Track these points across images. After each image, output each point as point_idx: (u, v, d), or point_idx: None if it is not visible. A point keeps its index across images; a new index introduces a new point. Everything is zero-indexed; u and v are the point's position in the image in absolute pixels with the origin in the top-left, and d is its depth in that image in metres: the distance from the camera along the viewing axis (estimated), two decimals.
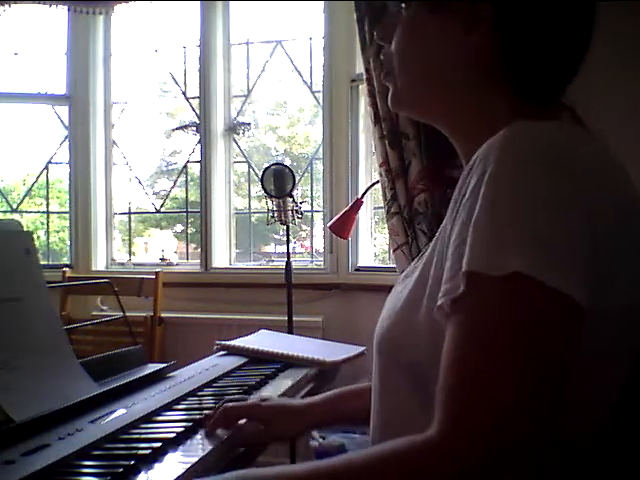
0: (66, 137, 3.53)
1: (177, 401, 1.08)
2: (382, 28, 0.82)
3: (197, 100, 3.36)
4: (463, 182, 0.65)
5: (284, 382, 1.27)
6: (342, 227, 2.55)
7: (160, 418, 0.99)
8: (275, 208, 2.64)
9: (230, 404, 0.97)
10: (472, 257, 0.57)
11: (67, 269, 3.24)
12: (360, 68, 2.65)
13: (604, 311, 0.60)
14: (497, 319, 0.56)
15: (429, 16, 0.74)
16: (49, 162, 3.63)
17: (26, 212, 3.89)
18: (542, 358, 0.54)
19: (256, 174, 3.36)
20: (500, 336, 0.55)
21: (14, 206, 3.74)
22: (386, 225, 2.56)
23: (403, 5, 0.77)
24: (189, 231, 3.67)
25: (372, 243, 3.10)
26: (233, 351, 1.50)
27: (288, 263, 2.61)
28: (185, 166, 3.56)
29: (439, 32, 0.74)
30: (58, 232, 3.87)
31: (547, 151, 0.60)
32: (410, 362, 0.70)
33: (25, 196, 3.82)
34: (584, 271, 0.57)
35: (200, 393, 1.16)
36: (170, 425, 0.94)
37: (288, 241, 2.65)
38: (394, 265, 2.54)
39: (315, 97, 3.34)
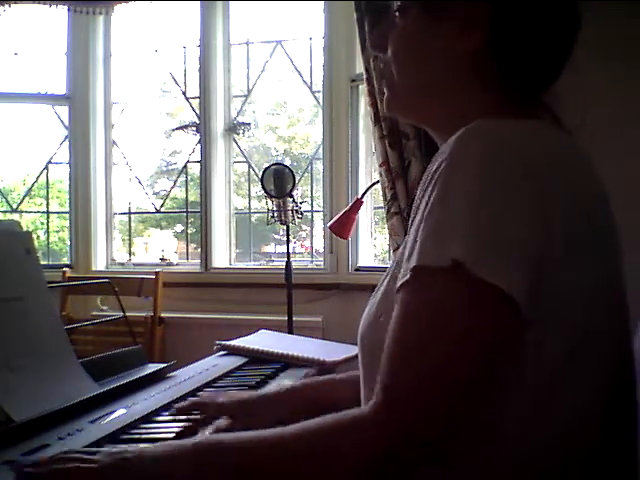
0: (66, 137, 3.53)
1: (177, 401, 1.08)
2: (375, 37, 0.82)
3: (197, 100, 3.37)
4: (424, 180, 0.67)
5: (284, 382, 1.27)
6: (342, 227, 2.55)
7: (160, 418, 0.99)
8: (275, 208, 2.64)
9: (198, 399, 1.01)
10: (418, 251, 0.61)
11: (67, 269, 3.24)
12: (360, 68, 2.65)
13: (561, 309, 0.62)
14: (427, 310, 0.60)
15: (425, 19, 0.74)
16: (49, 162, 3.63)
17: (26, 212, 3.89)
18: (468, 345, 0.58)
19: (256, 174, 3.36)
20: (432, 321, 0.59)
21: (14, 206, 3.74)
22: (386, 225, 2.56)
23: (397, 12, 0.77)
24: (189, 231, 3.67)
25: (372, 243, 3.10)
26: (233, 351, 1.50)
27: (288, 263, 2.61)
28: (185, 166, 3.56)
29: (436, 34, 0.74)
30: (58, 232, 3.87)
31: (500, 147, 0.61)
32: None
33: (25, 196, 3.83)
34: (526, 266, 0.58)
35: (200, 393, 1.16)
36: (170, 425, 0.94)
37: (288, 241, 2.65)
38: None
39: (315, 97, 3.34)
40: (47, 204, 3.71)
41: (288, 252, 2.63)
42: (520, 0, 0.71)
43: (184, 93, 3.52)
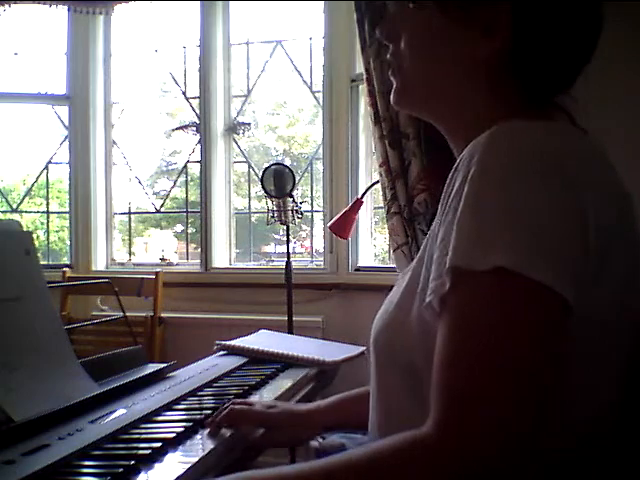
0: (66, 137, 3.53)
1: (177, 401, 1.08)
2: (387, 27, 0.81)
3: (197, 100, 3.36)
4: (449, 182, 0.66)
5: (284, 382, 1.27)
6: (342, 227, 2.55)
7: (160, 418, 0.99)
8: (275, 208, 2.64)
9: (237, 407, 0.98)
10: (456, 253, 0.58)
11: (67, 269, 3.24)
12: (360, 68, 2.65)
13: (593, 308, 0.61)
14: (484, 317, 0.56)
15: (446, 18, 0.74)
16: (49, 162, 3.63)
17: (26, 212, 3.89)
18: (530, 354, 0.55)
19: (256, 174, 3.36)
20: (488, 334, 0.55)
21: (14, 206, 3.74)
22: (386, 225, 2.56)
23: (411, 5, 0.76)
24: (189, 231, 3.67)
25: (372, 243, 3.10)
26: (233, 351, 1.50)
27: (288, 263, 2.61)
28: (185, 166, 3.56)
29: (454, 38, 0.73)
30: (58, 232, 3.87)
31: (532, 149, 0.61)
32: (404, 361, 0.71)
33: (25, 196, 3.82)
34: (570, 265, 0.57)
35: (200, 393, 1.16)
36: (170, 425, 0.94)
37: (288, 241, 2.65)
38: (394, 265, 2.54)
39: (315, 97, 3.34)
40: (47, 204, 3.71)
41: (288, 252, 2.62)
42: (541, 6, 0.70)
43: (184, 93, 3.52)
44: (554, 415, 0.61)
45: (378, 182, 2.61)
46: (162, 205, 3.66)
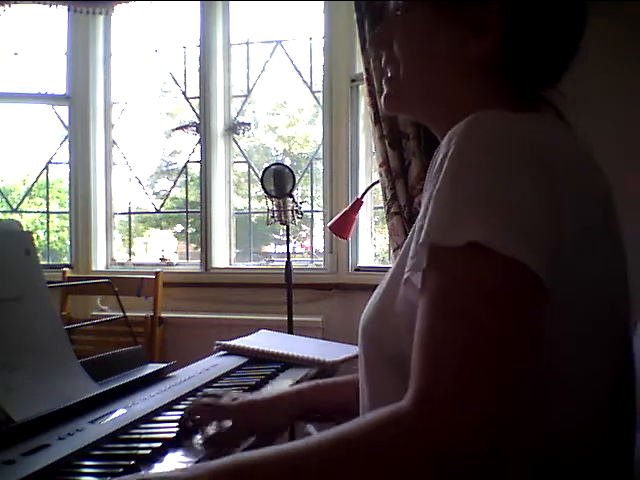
0: (66, 137, 3.53)
1: (177, 401, 1.08)
2: (379, 35, 0.81)
3: (197, 100, 3.37)
4: (430, 166, 0.67)
5: (284, 382, 1.27)
6: (342, 227, 2.55)
7: (160, 418, 0.99)
8: (275, 208, 2.64)
9: (201, 401, 0.97)
10: (430, 229, 0.59)
11: (67, 269, 3.24)
12: (360, 68, 2.65)
13: (584, 308, 0.62)
14: (460, 292, 0.56)
15: (436, 21, 0.74)
16: (49, 162, 3.63)
17: (26, 212, 3.89)
18: (506, 328, 0.54)
19: (256, 174, 3.36)
20: (464, 309, 0.55)
21: (14, 206, 3.74)
22: (386, 225, 2.56)
23: (403, 9, 0.77)
24: (189, 231, 3.67)
25: (372, 243, 3.10)
26: (233, 351, 1.50)
27: (288, 263, 2.61)
28: (185, 166, 3.56)
29: (447, 37, 0.74)
30: (58, 232, 3.87)
31: (513, 134, 0.61)
32: (392, 350, 0.71)
33: (25, 196, 3.83)
34: (543, 242, 0.57)
35: (200, 393, 1.16)
36: (170, 425, 0.94)
37: (288, 241, 2.65)
38: None
39: (315, 97, 3.34)
40: (47, 204, 3.71)
41: (288, 252, 2.62)
42: (532, 5, 0.71)
43: (184, 93, 3.52)
44: (544, 415, 0.61)
45: (378, 182, 2.61)
46: (162, 205, 3.66)
